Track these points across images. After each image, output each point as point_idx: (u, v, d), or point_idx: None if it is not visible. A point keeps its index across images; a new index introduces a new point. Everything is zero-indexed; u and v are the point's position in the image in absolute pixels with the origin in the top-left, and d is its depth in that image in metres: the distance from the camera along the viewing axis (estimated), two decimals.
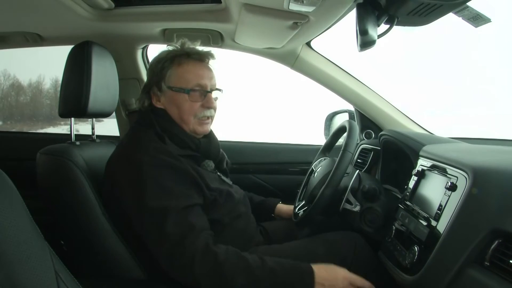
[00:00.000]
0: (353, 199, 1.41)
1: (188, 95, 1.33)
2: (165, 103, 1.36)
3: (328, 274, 1.17)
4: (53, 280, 0.69)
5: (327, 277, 1.16)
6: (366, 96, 2.04)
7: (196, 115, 1.35)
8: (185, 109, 1.33)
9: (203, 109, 1.35)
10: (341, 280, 1.17)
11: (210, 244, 1.13)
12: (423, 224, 1.09)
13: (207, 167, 1.37)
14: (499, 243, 0.83)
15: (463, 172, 1.00)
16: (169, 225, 1.12)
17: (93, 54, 1.36)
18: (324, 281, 1.15)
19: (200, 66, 1.38)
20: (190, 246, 1.11)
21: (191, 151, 1.34)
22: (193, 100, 1.34)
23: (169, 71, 1.35)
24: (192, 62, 1.37)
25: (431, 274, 0.98)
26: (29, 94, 11.65)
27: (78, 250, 1.29)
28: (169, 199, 1.15)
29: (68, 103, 1.37)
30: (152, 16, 1.67)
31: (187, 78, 1.34)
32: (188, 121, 1.35)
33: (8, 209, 0.66)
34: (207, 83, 1.36)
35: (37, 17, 1.61)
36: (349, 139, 1.38)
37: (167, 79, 1.35)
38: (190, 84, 1.33)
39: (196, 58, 1.38)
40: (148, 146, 1.24)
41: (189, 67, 1.36)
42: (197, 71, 1.36)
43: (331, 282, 1.16)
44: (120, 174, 1.23)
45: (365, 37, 1.06)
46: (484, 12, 1.04)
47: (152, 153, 1.21)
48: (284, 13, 1.33)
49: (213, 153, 1.43)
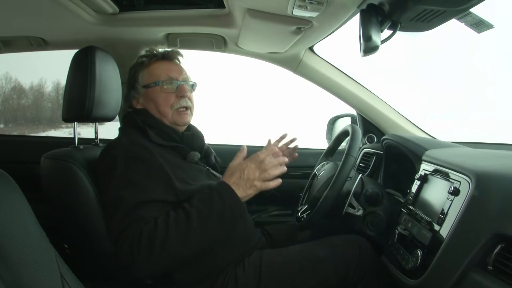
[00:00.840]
0: (356, 203, 1.41)
1: (160, 87, 1.40)
2: (144, 102, 1.44)
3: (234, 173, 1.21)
4: (59, 283, 0.70)
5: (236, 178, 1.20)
6: (368, 101, 2.04)
7: (172, 106, 1.40)
8: (160, 101, 1.39)
9: (178, 100, 1.40)
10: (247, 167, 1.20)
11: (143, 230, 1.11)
12: (426, 229, 1.09)
13: (193, 158, 1.39)
14: (502, 247, 0.84)
15: (465, 177, 1.00)
16: (117, 215, 1.14)
17: (96, 59, 1.36)
18: (236, 181, 1.19)
19: (168, 63, 1.47)
20: (128, 237, 1.11)
21: (175, 142, 1.38)
22: (166, 91, 1.40)
23: (140, 73, 1.45)
24: (160, 60, 1.47)
25: (434, 278, 0.99)
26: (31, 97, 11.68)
27: (82, 253, 1.29)
28: (128, 191, 1.17)
29: (71, 108, 1.37)
30: (156, 21, 1.67)
31: (157, 73, 1.42)
32: (166, 113, 1.39)
33: (14, 212, 0.66)
34: (177, 76, 1.43)
35: (41, 21, 1.61)
36: (352, 143, 1.39)
37: (140, 80, 1.44)
38: (161, 77, 1.41)
39: (163, 56, 1.47)
40: (125, 140, 1.29)
41: (157, 64, 1.46)
42: (165, 66, 1.45)
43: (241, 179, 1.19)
44: (99, 168, 1.28)
45: (369, 42, 1.07)
46: (486, 18, 1.05)
47: (126, 147, 1.25)
48: (288, 19, 1.34)
49: (197, 144, 1.46)
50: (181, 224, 1.12)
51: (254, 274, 1.28)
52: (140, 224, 1.12)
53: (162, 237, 1.09)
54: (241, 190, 1.18)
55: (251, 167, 1.20)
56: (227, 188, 1.18)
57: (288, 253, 1.36)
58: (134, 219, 1.13)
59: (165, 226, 1.11)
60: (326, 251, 1.33)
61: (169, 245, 1.09)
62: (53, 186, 1.30)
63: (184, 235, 1.11)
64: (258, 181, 1.19)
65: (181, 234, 1.11)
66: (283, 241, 1.55)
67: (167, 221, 1.12)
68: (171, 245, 1.10)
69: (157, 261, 1.10)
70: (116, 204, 1.16)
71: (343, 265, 1.28)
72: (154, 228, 1.10)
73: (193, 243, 1.13)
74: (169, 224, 1.11)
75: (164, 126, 1.39)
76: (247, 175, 1.19)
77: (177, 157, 1.36)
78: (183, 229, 1.11)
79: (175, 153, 1.37)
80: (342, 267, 1.28)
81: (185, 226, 1.12)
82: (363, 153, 2.07)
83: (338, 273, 1.28)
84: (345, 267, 1.28)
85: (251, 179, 1.19)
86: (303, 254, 1.34)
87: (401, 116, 2.07)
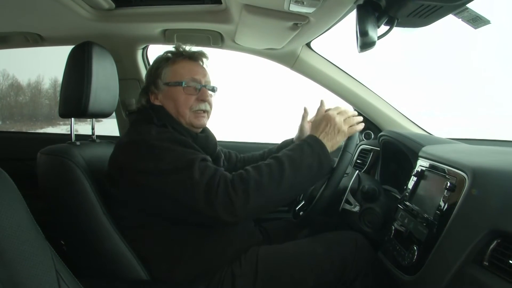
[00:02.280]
0: (352, 199, 1.41)
1: (183, 88, 1.37)
2: (162, 99, 1.41)
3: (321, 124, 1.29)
4: (54, 280, 0.70)
5: (324, 128, 1.28)
6: (365, 97, 2.04)
7: (191, 108, 1.38)
8: (180, 102, 1.37)
9: (198, 102, 1.39)
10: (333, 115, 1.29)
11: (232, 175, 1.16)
12: (423, 224, 1.09)
13: None
14: (498, 243, 0.84)
15: (462, 173, 1.00)
16: (196, 173, 1.13)
17: (93, 55, 1.36)
18: (325, 129, 1.28)
19: (193, 63, 1.43)
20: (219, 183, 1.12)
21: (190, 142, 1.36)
22: (188, 93, 1.38)
23: (164, 69, 1.41)
24: (186, 59, 1.43)
25: (430, 274, 0.99)
26: (28, 94, 11.63)
27: (79, 250, 1.29)
28: (189, 155, 1.18)
29: (68, 104, 1.37)
30: (152, 17, 1.67)
31: (182, 72, 1.39)
32: (184, 113, 1.37)
33: (9, 208, 0.66)
34: (201, 78, 1.40)
35: (37, 17, 1.61)
36: (348, 140, 1.38)
37: (163, 77, 1.40)
38: (184, 78, 1.38)
39: (190, 56, 1.44)
40: (151, 131, 1.26)
41: (183, 63, 1.42)
42: (190, 67, 1.42)
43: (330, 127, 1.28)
44: (128, 158, 1.22)
45: (365, 38, 1.06)
46: (483, 13, 1.05)
47: (156, 135, 1.24)
48: (284, 14, 1.34)
49: (210, 148, 1.44)
50: (274, 169, 1.16)
51: (251, 271, 1.28)
52: (222, 173, 1.16)
53: (256, 179, 1.13)
54: (330, 138, 1.26)
55: (335, 115, 1.28)
56: (316, 140, 1.25)
57: (284, 249, 1.36)
58: (213, 170, 1.16)
59: (257, 171, 1.16)
60: (323, 247, 1.34)
61: (265, 185, 1.13)
62: (49, 182, 1.29)
63: (278, 178, 1.15)
64: (345, 126, 1.29)
65: (274, 177, 1.15)
66: (280, 237, 1.55)
67: (258, 167, 1.17)
68: (267, 185, 1.14)
69: (254, 203, 1.12)
70: (184, 169, 1.15)
71: (339, 261, 1.28)
72: (247, 174, 1.15)
73: (286, 188, 1.16)
74: (261, 169, 1.16)
75: (180, 126, 1.37)
76: (334, 122, 1.27)
77: None
78: (277, 173, 1.16)
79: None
80: (338, 263, 1.28)
81: (279, 170, 1.16)
82: (360, 149, 2.08)
83: (334, 269, 1.28)
84: (341, 263, 1.28)
85: (338, 124, 1.27)
86: (299, 251, 1.34)
87: (398, 113, 2.08)
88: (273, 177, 1.14)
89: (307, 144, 1.23)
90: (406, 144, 1.50)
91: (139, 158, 1.20)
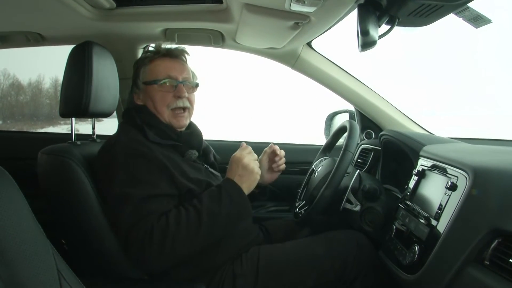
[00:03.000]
0: (353, 198, 1.41)
1: (158, 85, 1.38)
2: (143, 98, 1.43)
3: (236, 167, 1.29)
4: (56, 279, 0.69)
5: (236, 170, 1.29)
6: (366, 96, 2.04)
7: (169, 106, 1.39)
8: (157, 100, 1.39)
9: (175, 100, 1.39)
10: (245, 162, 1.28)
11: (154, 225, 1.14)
12: (423, 224, 1.09)
13: (191, 156, 1.40)
14: (499, 242, 0.84)
15: (463, 172, 1.00)
16: (125, 212, 1.15)
17: (93, 54, 1.35)
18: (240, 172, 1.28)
19: (170, 60, 1.44)
20: (139, 232, 1.13)
21: (172, 140, 1.37)
22: (164, 90, 1.39)
23: (142, 68, 1.44)
24: (162, 57, 1.44)
25: (431, 273, 0.99)
26: (29, 94, 11.66)
27: (80, 249, 1.29)
28: (133, 187, 1.18)
29: (69, 103, 1.37)
30: (153, 16, 1.67)
31: (158, 70, 1.41)
32: (162, 112, 1.39)
33: (11, 207, 0.66)
34: (178, 75, 1.41)
35: (38, 17, 1.61)
36: (349, 139, 1.39)
37: (142, 76, 1.43)
38: (160, 76, 1.39)
39: (167, 54, 1.45)
40: (124, 138, 1.28)
41: (159, 61, 1.43)
42: (167, 64, 1.43)
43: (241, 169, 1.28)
44: (99, 166, 1.28)
45: (366, 37, 1.06)
46: (484, 13, 1.05)
47: (126, 144, 1.25)
48: (285, 14, 1.34)
49: (195, 143, 1.45)
50: (192, 222, 1.16)
51: (252, 270, 1.28)
52: (150, 219, 1.14)
53: (174, 233, 1.13)
54: (245, 180, 1.27)
55: (244, 155, 1.29)
56: (234, 186, 1.25)
57: (285, 248, 1.36)
58: (143, 214, 1.15)
59: (176, 223, 1.15)
60: (324, 247, 1.34)
61: (180, 242, 1.14)
62: (50, 182, 1.29)
63: (195, 233, 1.16)
64: (255, 165, 1.29)
65: (191, 232, 1.15)
66: (280, 236, 1.55)
67: (179, 218, 1.16)
68: (182, 241, 1.14)
69: (167, 256, 1.14)
70: (122, 201, 1.16)
71: (340, 261, 1.28)
72: (165, 224, 1.14)
73: (202, 240, 1.18)
74: (180, 221, 1.15)
75: (162, 124, 1.38)
76: (243, 163, 1.28)
77: (176, 156, 1.35)
78: (194, 227, 1.16)
79: (173, 151, 1.36)
80: (339, 263, 1.28)
81: (196, 224, 1.16)
82: (361, 149, 2.08)
83: (335, 268, 1.28)
84: (342, 262, 1.28)
85: (250, 165, 1.28)
86: (300, 250, 1.34)
87: (399, 112, 2.08)
88: (191, 231, 1.16)
89: (225, 191, 1.24)
90: (407, 143, 1.50)
91: (102, 168, 1.27)
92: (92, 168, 1.28)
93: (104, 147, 1.30)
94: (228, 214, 1.20)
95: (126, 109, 1.45)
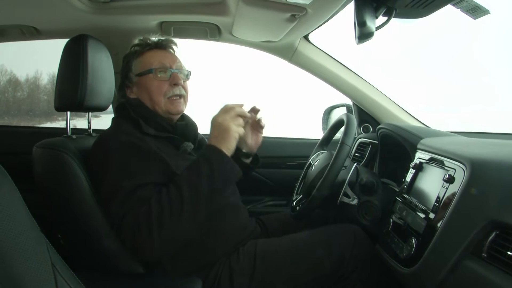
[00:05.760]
0: (351, 192, 1.41)
1: (153, 74, 1.38)
2: (137, 91, 1.42)
3: (212, 129, 1.23)
4: (50, 272, 0.69)
5: (212, 132, 1.22)
6: (364, 90, 2.04)
7: (165, 94, 1.38)
8: (153, 89, 1.38)
9: (171, 88, 1.39)
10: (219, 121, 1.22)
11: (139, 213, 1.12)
12: (421, 217, 1.09)
13: (186, 148, 1.39)
14: (497, 234, 0.84)
15: (460, 164, 1.00)
16: (116, 202, 1.14)
17: (88, 48, 1.35)
18: (215, 133, 1.21)
19: (161, 51, 1.45)
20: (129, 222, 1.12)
21: (167, 133, 1.37)
22: (160, 79, 1.38)
23: (133, 61, 1.43)
24: (153, 49, 1.45)
25: (428, 266, 0.99)
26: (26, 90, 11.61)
27: (75, 243, 1.28)
28: (125, 179, 1.16)
29: (64, 97, 1.36)
30: (149, 9, 1.66)
31: (150, 61, 1.41)
32: (159, 101, 1.38)
33: (5, 201, 0.66)
34: (171, 63, 1.41)
35: (33, 10, 1.60)
36: (347, 133, 1.38)
37: (134, 69, 1.42)
38: (154, 65, 1.39)
39: (156, 45, 1.45)
40: (118, 131, 1.29)
41: (150, 53, 1.44)
42: (158, 54, 1.43)
43: (216, 129, 1.21)
44: (92, 160, 1.27)
45: (363, 28, 1.05)
46: (483, 3, 1.04)
47: (119, 137, 1.24)
48: (282, 6, 1.33)
49: (190, 135, 1.45)
50: (173, 198, 1.12)
51: (249, 264, 1.28)
52: (137, 208, 1.12)
53: (158, 215, 1.09)
54: (221, 141, 1.19)
55: (219, 114, 1.23)
56: (211, 148, 1.19)
57: (282, 242, 1.36)
58: (133, 204, 1.13)
59: (158, 204, 1.11)
60: (321, 241, 1.33)
61: (166, 221, 1.09)
62: (45, 175, 1.28)
63: (179, 208, 1.11)
64: (231, 123, 1.21)
65: (175, 207, 1.11)
66: (278, 230, 1.55)
67: (160, 198, 1.12)
68: (168, 220, 1.10)
69: (160, 240, 1.10)
70: (114, 191, 1.15)
71: (337, 254, 1.28)
72: (148, 209, 1.10)
73: (190, 214, 1.12)
74: (161, 200, 1.11)
75: (157, 116, 1.37)
76: (217, 122, 1.22)
77: (170, 148, 1.35)
78: (177, 202, 1.11)
79: (168, 143, 1.36)
80: (336, 256, 1.28)
81: (178, 199, 1.11)
82: (359, 142, 2.07)
83: (332, 262, 1.28)
84: (339, 256, 1.28)
85: (223, 124, 1.20)
86: (297, 244, 1.34)
87: (397, 106, 2.08)
88: (174, 207, 1.11)
89: (202, 157, 1.18)
90: (404, 136, 1.50)
91: (95, 161, 1.26)
92: (87, 162, 1.28)
93: (98, 140, 1.28)
94: (210, 179, 1.14)
95: (119, 103, 1.44)
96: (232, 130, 1.19)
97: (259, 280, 1.25)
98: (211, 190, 1.15)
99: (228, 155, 1.18)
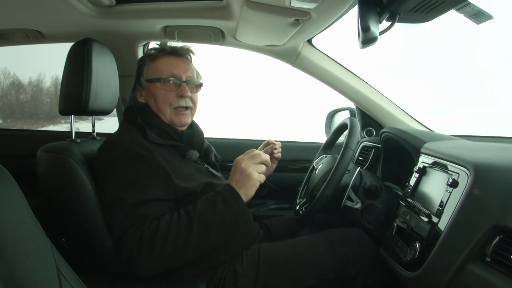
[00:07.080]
0: (354, 196, 1.41)
1: (161, 84, 1.37)
2: (146, 96, 1.42)
3: (234, 172, 1.21)
4: (55, 276, 0.69)
5: (234, 175, 1.20)
6: (367, 94, 2.04)
7: (171, 104, 1.38)
8: (160, 98, 1.37)
9: (177, 99, 1.38)
10: (243, 167, 1.19)
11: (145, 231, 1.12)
12: (424, 221, 1.09)
13: (191, 157, 1.38)
14: (500, 239, 0.84)
15: (464, 169, 1.00)
16: (118, 216, 1.14)
17: (93, 51, 1.35)
18: (236, 177, 1.19)
19: (175, 59, 1.43)
20: (130, 237, 1.12)
21: (174, 141, 1.36)
22: (167, 88, 1.37)
23: (146, 65, 1.42)
24: (167, 55, 1.43)
25: (432, 270, 0.99)
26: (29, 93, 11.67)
27: (80, 247, 1.29)
28: (129, 191, 1.16)
29: (68, 101, 1.37)
30: (153, 13, 1.66)
31: (161, 68, 1.39)
32: (164, 110, 1.38)
33: (10, 205, 0.66)
34: (181, 73, 1.40)
35: (38, 14, 1.60)
36: (350, 137, 1.38)
37: (145, 73, 1.42)
38: (163, 74, 1.38)
39: (171, 52, 1.43)
40: (124, 138, 1.27)
41: (163, 59, 1.42)
42: (170, 62, 1.41)
43: (238, 174, 1.19)
44: (97, 166, 1.27)
45: (367, 34, 1.05)
46: (485, 8, 1.04)
47: (125, 145, 1.24)
48: (286, 10, 1.33)
49: (196, 143, 1.44)
50: (182, 228, 1.11)
51: (253, 268, 1.28)
52: (141, 224, 1.12)
53: (163, 239, 1.09)
54: (241, 185, 1.18)
55: (244, 159, 1.20)
56: (231, 191, 1.17)
57: (286, 246, 1.36)
58: (135, 219, 1.13)
59: (166, 229, 1.11)
60: (325, 244, 1.33)
61: (169, 247, 1.10)
62: (49, 179, 1.29)
63: (185, 239, 1.11)
64: (254, 170, 1.18)
65: (181, 238, 1.11)
66: (281, 234, 1.55)
67: (169, 223, 1.12)
68: (171, 247, 1.10)
69: (156, 262, 1.11)
70: (116, 204, 1.16)
71: (341, 258, 1.28)
72: (155, 230, 1.11)
73: (193, 246, 1.12)
74: (170, 226, 1.11)
75: (164, 124, 1.37)
76: (241, 168, 1.18)
77: (176, 156, 1.35)
78: (184, 233, 1.11)
79: (174, 151, 1.36)
80: (340, 260, 1.28)
81: (186, 229, 1.11)
82: (362, 146, 2.07)
83: (336, 266, 1.28)
84: (343, 260, 1.28)
85: (246, 171, 1.17)
86: (301, 248, 1.34)
87: (400, 110, 2.07)
88: (180, 236, 1.11)
89: (220, 196, 1.17)
90: (407, 140, 1.49)
91: (99, 168, 1.26)
92: (91, 166, 1.28)
93: (103, 146, 1.29)
94: (222, 220, 1.14)
95: (128, 106, 1.43)
96: (254, 178, 1.18)
97: (263, 284, 1.25)
98: (221, 230, 1.15)
99: (244, 201, 1.18)
